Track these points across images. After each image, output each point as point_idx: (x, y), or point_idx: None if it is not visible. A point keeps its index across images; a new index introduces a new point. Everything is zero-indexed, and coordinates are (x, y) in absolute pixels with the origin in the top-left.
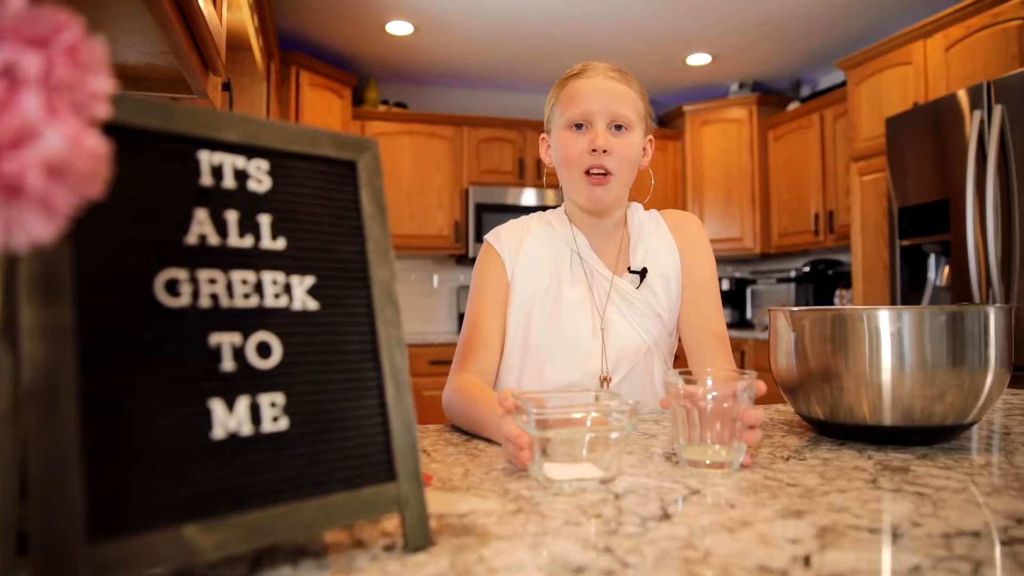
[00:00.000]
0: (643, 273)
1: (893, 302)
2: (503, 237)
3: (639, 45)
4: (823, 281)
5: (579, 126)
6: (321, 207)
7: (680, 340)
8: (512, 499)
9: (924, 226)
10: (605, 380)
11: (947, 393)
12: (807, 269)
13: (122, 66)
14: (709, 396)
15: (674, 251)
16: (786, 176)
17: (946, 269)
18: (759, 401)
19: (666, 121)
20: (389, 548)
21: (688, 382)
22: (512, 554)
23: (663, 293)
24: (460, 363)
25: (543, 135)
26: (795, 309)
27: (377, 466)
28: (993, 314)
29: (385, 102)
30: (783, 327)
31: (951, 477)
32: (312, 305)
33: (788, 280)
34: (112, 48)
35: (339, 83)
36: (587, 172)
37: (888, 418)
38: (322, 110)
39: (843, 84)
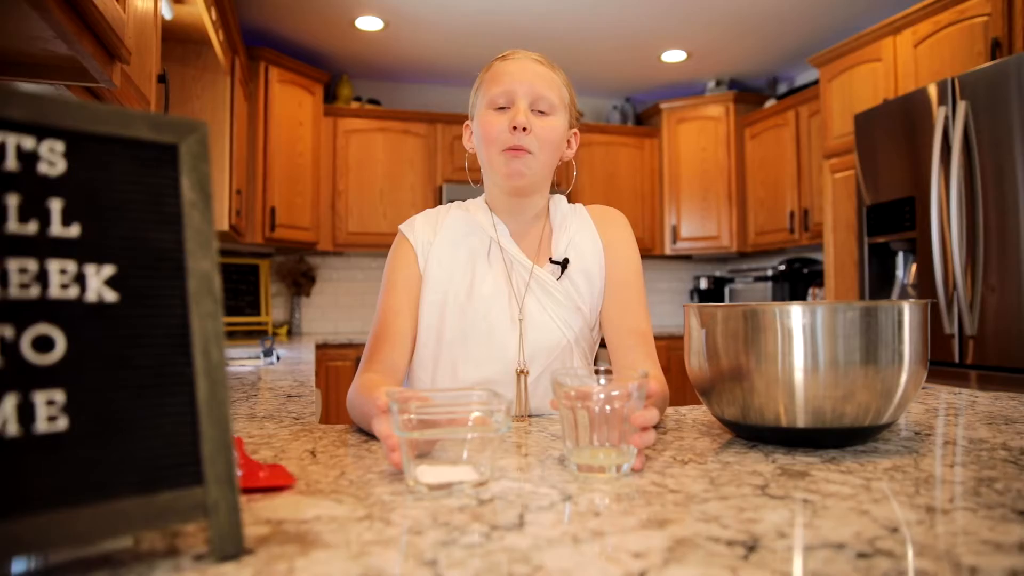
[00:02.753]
0: (564, 264)
1: (861, 300)
2: (417, 227)
3: (613, 41)
4: (799, 279)
5: (502, 108)
6: (131, 193)
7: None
8: (369, 504)
9: (891, 224)
10: (522, 373)
11: (860, 393)
12: (783, 268)
13: (22, 54)
14: (596, 397)
15: (598, 246)
16: (762, 174)
17: (913, 267)
18: (676, 401)
19: (643, 119)
20: (200, 557)
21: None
22: (327, 565)
23: (584, 286)
24: (367, 361)
25: (467, 122)
26: (705, 305)
27: (180, 468)
28: (908, 309)
29: (358, 99)
30: (694, 324)
31: (847, 482)
32: (110, 296)
33: (765, 279)
34: (7, 36)
35: (310, 79)
36: (506, 151)
37: (799, 420)
38: (292, 106)
39: (818, 81)
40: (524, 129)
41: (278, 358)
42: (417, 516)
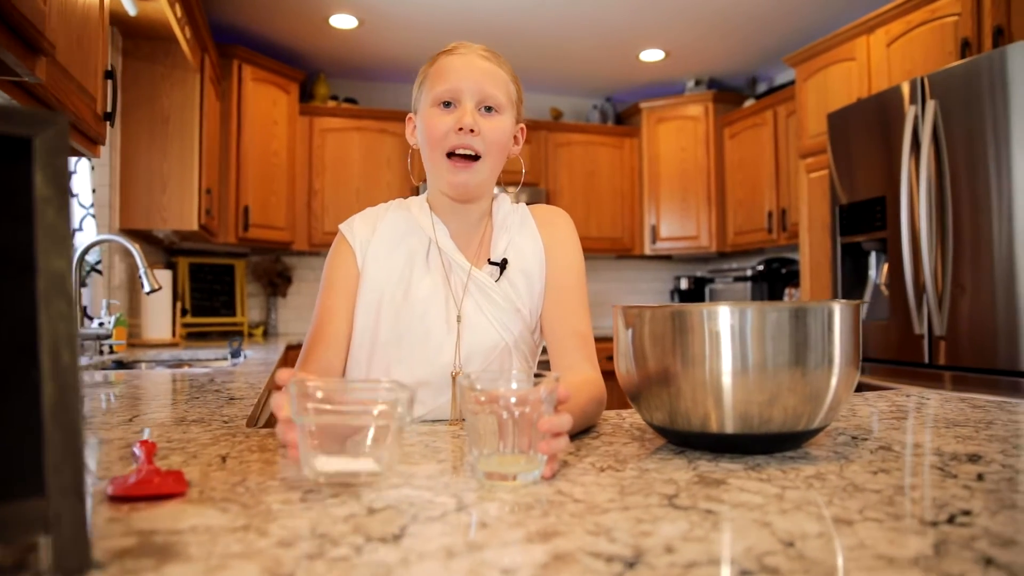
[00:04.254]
0: (503, 265)
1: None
2: (356, 226)
3: (592, 40)
4: (777, 279)
5: (447, 104)
6: None
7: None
8: (253, 514)
9: (863, 223)
10: (457, 376)
11: (789, 396)
12: (761, 268)
13: None
14: (504, 401)
15: (539, 247)
16: (741, 174)
17: (885, 266)
18: (617, 405)
19: (623, 118)
20: (43, 573)
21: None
22: None
23: (524, 288)
24: (302, 362)
25: (410, 115)
26: (632, 306)
27: (19, 479)
28: (838, 310)
29: (335, 98)
30: (621, 326)
31: (762, 491)
32: None
33: (745, 279)
34: None
35: (285, 78)
36: (452, 154)
37: (726, 425)
38: (267, 105)
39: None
40: (472, 131)
41: (245, 358)
42: (296, 526)
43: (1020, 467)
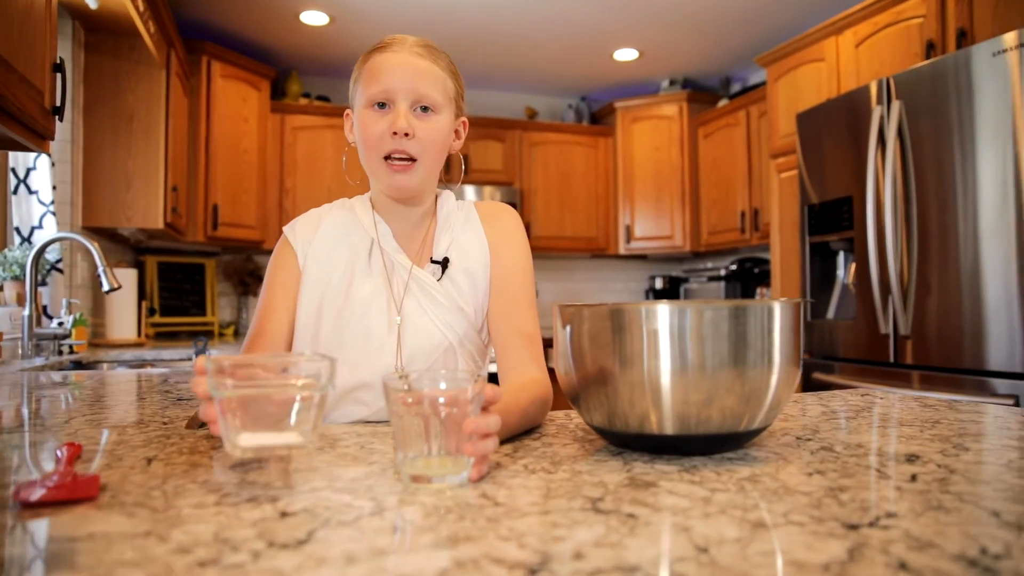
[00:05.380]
0: (445, 264)
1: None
2: (298, 227)
3: (565, 39)
4: (750, 279)
5: (381, 105)
6: None
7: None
8: (159, 519)
9: (831, 223)
10: (401, 378)
11: (727, 396)
12: (734, 267)
13: None
14: (427, 402)
15: (484, 244)
16: (715, 174)
17: (853, 266)
18: (566, 406)
19: (598, 118)
20: None
21: None
22: None
23: (467, 287)
24: None
25: (348, 111)
26: (569, 304)
27: None
28: (778, 309)
29: (307, 95)
30: (559, 325)
31: (691, 494)
32: None
33: (719, 278)
34: None
35: (255, 75)
36: (388, 157)
37: (664, 426)
38: (237, 102)
39: None
40: (406, 134)
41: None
42: (200, 532)
43: (955, 467)
